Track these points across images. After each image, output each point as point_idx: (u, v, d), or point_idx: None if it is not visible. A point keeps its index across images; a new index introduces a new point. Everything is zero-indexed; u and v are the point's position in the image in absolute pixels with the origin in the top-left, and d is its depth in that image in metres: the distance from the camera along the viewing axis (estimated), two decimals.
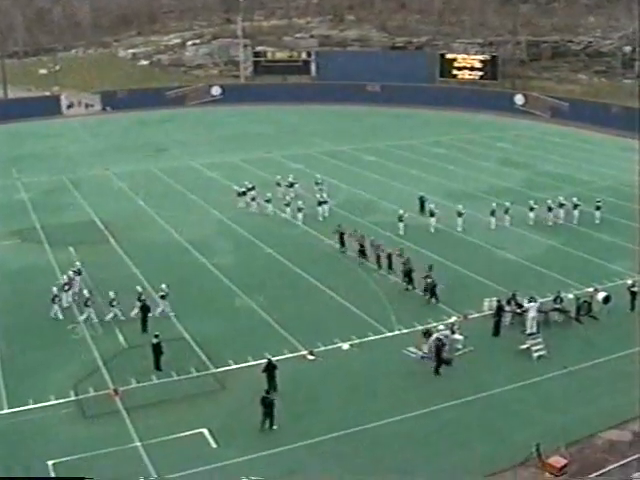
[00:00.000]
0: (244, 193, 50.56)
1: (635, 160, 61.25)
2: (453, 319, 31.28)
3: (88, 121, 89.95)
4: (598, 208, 46.49)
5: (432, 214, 44.31)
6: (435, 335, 29.17)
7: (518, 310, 31.66)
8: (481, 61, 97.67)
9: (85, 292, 33.28)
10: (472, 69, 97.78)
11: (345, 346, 30.36)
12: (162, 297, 33.31)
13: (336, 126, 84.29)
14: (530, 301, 31.20)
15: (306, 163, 62.88)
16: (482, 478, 21.84)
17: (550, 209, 45.80)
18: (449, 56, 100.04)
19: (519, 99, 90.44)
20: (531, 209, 45.70)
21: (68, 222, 47.50)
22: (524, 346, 29.73)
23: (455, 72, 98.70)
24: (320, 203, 47.17)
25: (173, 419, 25.04)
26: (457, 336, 29.72)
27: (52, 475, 22.22)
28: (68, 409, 25.86)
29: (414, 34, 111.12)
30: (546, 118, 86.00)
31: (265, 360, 27.01)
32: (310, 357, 29.45)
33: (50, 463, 22.66)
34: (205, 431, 24.39)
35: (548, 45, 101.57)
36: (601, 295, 33.18)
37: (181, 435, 24.16)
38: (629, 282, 34.20)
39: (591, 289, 34.79)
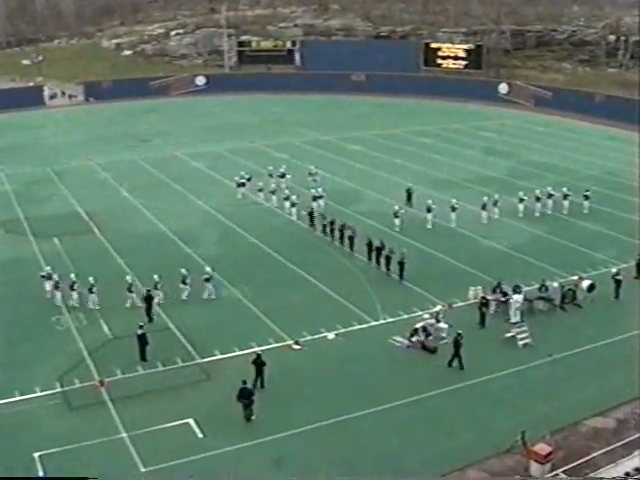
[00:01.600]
0: (243, 184, 50.54)
1: (618, 149, 61.70)
2: (438, 308, 31.39)
3: (71, 112, 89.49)
4: (587, 198, 46.63)
5: (429, 210, 43.74)
6: (420, 324, 29.33)
7: (502, 298, 31.81)
8: (465, 50, 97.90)
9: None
10: (456, 58, 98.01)
11: (330, 336, 30.40)
12: (207, 280, 33.66)
13: (320, 116, 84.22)
14: (515, 290, 31.36)
15: (290, 153, 62.76)
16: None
17: (538, 199, 45.86)
18: (433, 45, 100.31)
19: (503, 88, 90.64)
20: (520, 200, 45.57)
21: (52, 213, 47.28)
22: (509, 334, 29.89)
23: (439, 61, 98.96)
24: (315, 198, 46.59)
25: (159, 410, 25.02)
26: (442, 325, 29.83)
27: (39, 468, 22.11)
28: (54, 401, 25.79)
29: (398, 23, 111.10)
30: (530, 107, 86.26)
31: (253, 351, 27.18)
32: (296, 347, 29.47)
33: (36, 455, 22.61)
34: (191, 421, 24.39)
35: (532, 34, 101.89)
36: (586, 283, 33.39)
37: (167, 425, 24.14)
38: (613, 270, 34.46)
39: (576, 277, 35.04)
